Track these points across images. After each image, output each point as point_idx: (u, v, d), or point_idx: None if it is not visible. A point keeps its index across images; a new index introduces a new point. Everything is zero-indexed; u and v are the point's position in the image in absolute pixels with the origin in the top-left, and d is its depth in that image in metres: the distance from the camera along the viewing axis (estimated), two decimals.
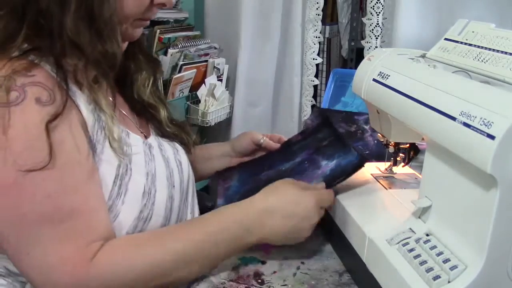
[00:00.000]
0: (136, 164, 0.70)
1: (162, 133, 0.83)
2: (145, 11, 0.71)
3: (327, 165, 0.82)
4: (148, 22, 0.75)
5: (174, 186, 0.76)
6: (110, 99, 0.70)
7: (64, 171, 0.60)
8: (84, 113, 0.65)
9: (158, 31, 1.66)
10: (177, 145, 0.84)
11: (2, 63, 0.60)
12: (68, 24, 0.63)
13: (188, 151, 0.87)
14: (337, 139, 0.87)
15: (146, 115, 0.83)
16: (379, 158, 0.87)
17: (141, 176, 0.70)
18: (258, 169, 0.92)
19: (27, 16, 0.64)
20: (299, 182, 0.75)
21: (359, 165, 0.76)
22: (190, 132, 0.91)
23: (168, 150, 0.80)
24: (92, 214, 0.62)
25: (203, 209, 0.87)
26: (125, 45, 0.75)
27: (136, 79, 0.81)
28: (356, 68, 0.79)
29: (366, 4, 1.67)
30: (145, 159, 0.72)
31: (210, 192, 0.96)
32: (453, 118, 0.52)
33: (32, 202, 0.58)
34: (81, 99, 0.65)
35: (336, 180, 0.76)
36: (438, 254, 0.55)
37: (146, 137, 0.78)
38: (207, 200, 0.92)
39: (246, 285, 0.69)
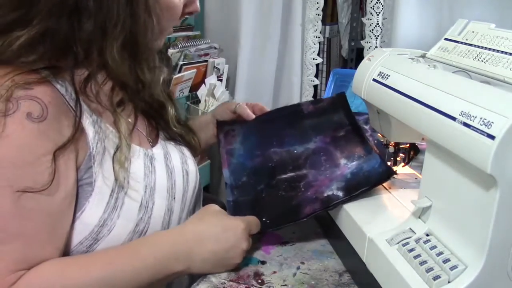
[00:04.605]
0: (135, 177, 0.69)
1: (170, 135, 0.82)
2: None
3: (346, 166, 0.80)
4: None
5: (174, 198, 0.75)
6: (130, 120, 0.70)
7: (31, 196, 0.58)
8: (85, 125, 0.65)
9: None
10: (185, 151, 0.83)
11: (9, 75, 0.60)
12: (109, 52, 0.63)
13: (195, 153, 0.86)
14: (354, 131, 0.85)
15: (154, 116, 0.81)
16: None
17: (139, 189, 0.69)
18: (266, 140, 0.91)
19: (55, 37, 0.63)
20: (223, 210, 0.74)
21: (385, 177, 0.75)
22: (196, 133, 0.90)
23: (175, 159, 0.78)
24: (36, 246, 0.60)
25: None
26: None
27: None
28: (356, 68, 0.79)
29: (366, 4, 1.67)
30: (144, 171, 0.71)
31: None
32: (453, 118, 0.52)
33: None
34: (83, 111, 0.65)
35: (359, 189, 0.73)
36: (438, 254, 0.55)
37: (152, 145, 0.76)
38: None
39: (246, 285, 0.69)
